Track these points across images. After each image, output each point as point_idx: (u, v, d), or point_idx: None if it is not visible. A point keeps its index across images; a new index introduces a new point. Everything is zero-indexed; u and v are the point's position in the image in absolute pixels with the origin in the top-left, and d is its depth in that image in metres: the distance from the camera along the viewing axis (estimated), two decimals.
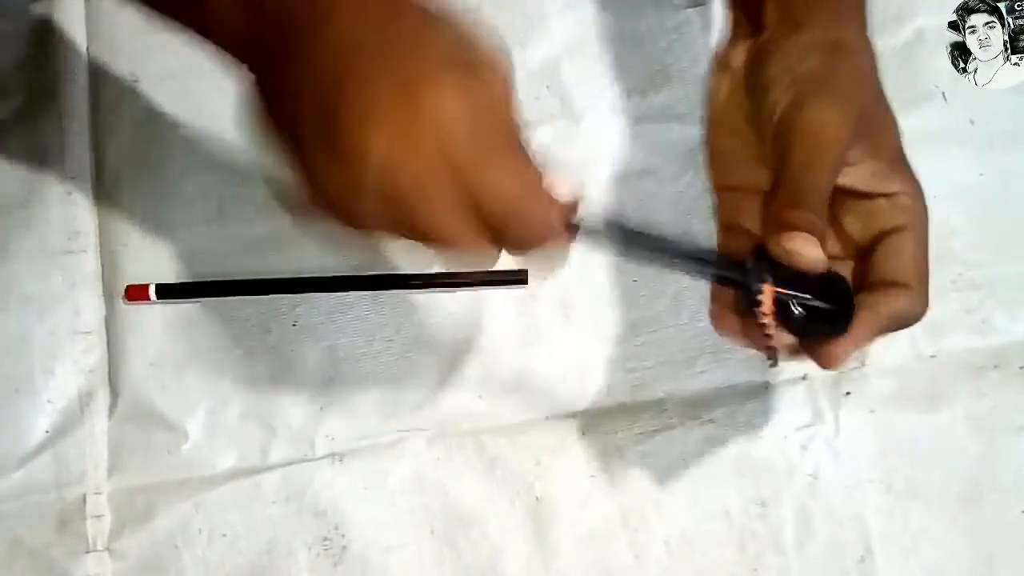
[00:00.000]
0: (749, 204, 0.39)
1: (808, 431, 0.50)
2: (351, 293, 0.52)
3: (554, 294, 0.52)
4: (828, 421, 0.50)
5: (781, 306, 0.35)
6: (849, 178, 0.36)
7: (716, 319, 0.39)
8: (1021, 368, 0.50)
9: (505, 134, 0.31)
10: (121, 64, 0.56)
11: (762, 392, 0.51)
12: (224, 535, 0.50)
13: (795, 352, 0.37)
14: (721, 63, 0.40)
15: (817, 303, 0.35)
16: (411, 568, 0.50)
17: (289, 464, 0.51)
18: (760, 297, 0.35)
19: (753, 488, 0.49)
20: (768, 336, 0.35)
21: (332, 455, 0.51)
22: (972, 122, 0.54)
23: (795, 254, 0.34)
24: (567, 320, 0.52)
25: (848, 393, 0.50)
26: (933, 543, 0.49)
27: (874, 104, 0.37)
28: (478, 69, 0.31)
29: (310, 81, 0.30)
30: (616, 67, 0.55)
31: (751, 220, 0.39)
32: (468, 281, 0.52)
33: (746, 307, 0.35)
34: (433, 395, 0.51)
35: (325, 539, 0.50)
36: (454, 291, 0.52)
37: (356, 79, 0.30)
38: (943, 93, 0.54)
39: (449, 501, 0.50)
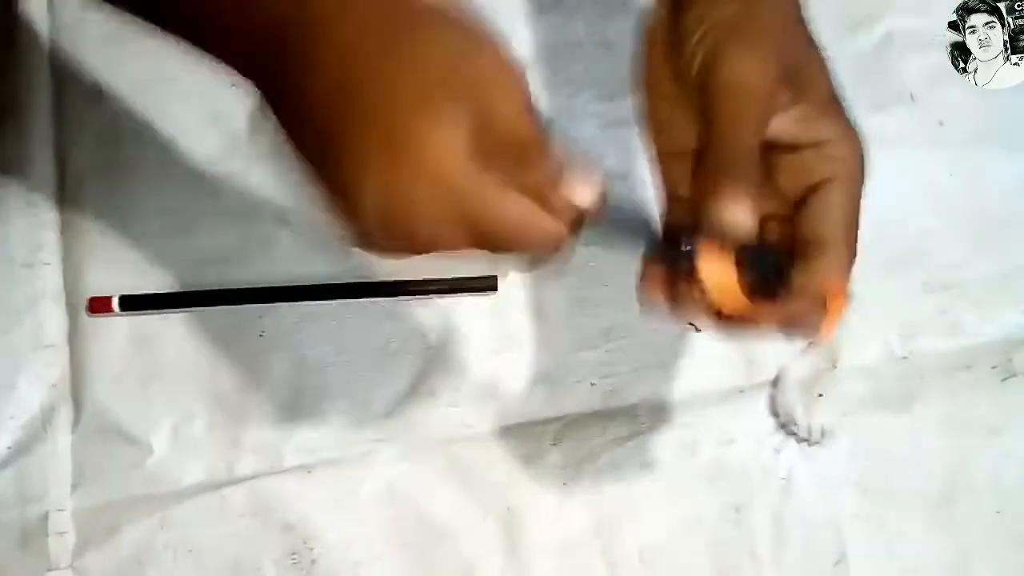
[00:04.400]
0: (686, 170, 0.36)
1: (781, 435, 0.49)
2: (319, 303, 0.52)
3: (526, 300, 0.52)
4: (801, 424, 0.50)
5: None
6: (775, 126, 0.34)
7: (644, 292, 0.36)
8: (993, 369, 0.50)
9: (513, 147, 0.31)
10: (85, 75, 0.55)
11: (735, 396, 0.50)
12: (190, 551, 0.49)
13: (722, 324, 0.35)
14: (647, 28, 0.38)
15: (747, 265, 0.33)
16: None
17: (257, 477, 0.50)
18: (695, 262, 0.33)
19: (727, 494, 0.49)
20: (700, 303, 0.34)
21: (301, 467, 0.50)
22: (941, 123, 0.54)
23: (724, 223, 0.33)
24: (539, 327, 0.52)
25: (820, 396, 0.50)
26: (908, 546, 0.48)
27: (798, 45, 0.35)
28: (482, 82, 0.30)
29: (307, 109, 0.30)
30: (585, 72, 0.55)
31: (687, 187, 0.36)
32: (438, 288, 0.52)
33: (675, 269, 0.34)
34: (403, 405, 0.51)
35: (294, 554, 0.49)
36: (424, 298, 0.52)
37: (350, 112, 0.29)
38: (911, 94, 0.54)
39: (420, 513, 0.49)
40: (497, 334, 0.52)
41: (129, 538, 0.49)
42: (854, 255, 0.35)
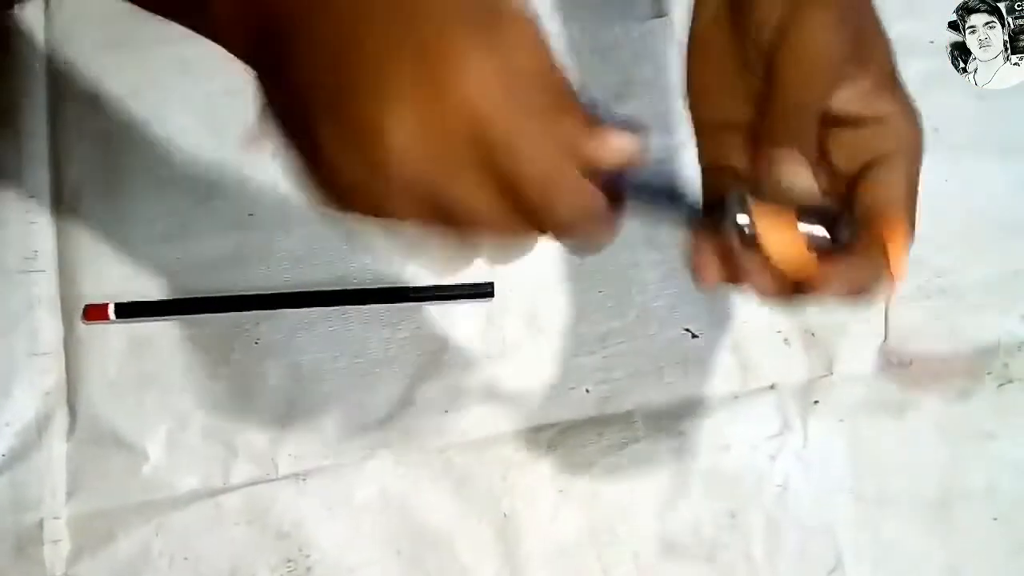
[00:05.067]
0: (734, 141, 0.36)
1: (777, 441, 0.49)
2: (315, 309, 0.52)
3: (521, 307, 0.52)
4: (796, 430, 0.50)
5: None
6: (836, 100, 0.34)
7: (698, 268, 0.35)
8: (989, 374, 0.50)
9: (540, 95, 0.29)
10: (81, 81, 0.55)
11: (730, 403, 0.50)
12: (186, 558, 0.49)
13: (786, 290, 0.34)
14: None
15: (811, 226, 0.33)
16: None
17: (252, 484, 0.50)
18: (746, 226, 0.32)
19: (722, 500, 0.49)
20: (762, 268, 0.33)
21: (296, 475, 0.50)
22: (937, 130, 0.53)
23: (788, 184, 0.33)
24: (534, 333, 0.52)
25: (816, 402, 0.50)
26: (904, 552, 0.48)
27: (865, 20, 0.35)
28: (503, 24, 0.28)
29: (318, 60, 0.28)
30: (581, 78, 0.55)
31: (736, 157, 0.36)
32: (434, 295, 0.52)
33: (737, 240, 0.33)
34: (398, 412, 0.51)
35: (289, 560, 0.49)
36: (419, 305, 0.52)
37: (367, 50, 0.27)
38: None
39: (415, 519, 0.49)
40: (492, 340, 0.52)
41: (124, 545, 0.49)
42: (914, 229, 0.35)
